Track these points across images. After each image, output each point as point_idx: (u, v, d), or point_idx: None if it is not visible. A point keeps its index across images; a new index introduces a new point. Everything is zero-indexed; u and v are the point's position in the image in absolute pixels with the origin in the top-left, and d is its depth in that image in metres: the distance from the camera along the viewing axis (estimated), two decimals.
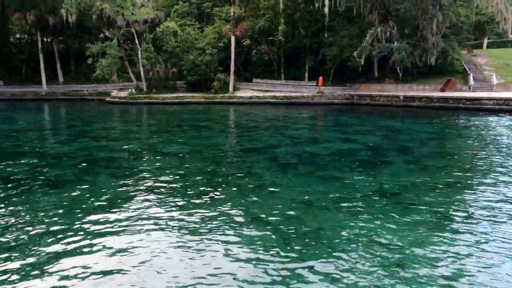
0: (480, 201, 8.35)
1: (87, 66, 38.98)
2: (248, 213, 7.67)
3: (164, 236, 6.68)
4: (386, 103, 30.63)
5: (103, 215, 7.59)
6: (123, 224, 7.16)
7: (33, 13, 37.39)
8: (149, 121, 23.96)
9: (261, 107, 31.31)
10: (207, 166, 11.42)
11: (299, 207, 8.04)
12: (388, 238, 6.52)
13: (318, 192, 8.97)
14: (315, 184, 9.59)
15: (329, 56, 35.90)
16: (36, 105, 33.80)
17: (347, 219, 7.40)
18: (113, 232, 6.81)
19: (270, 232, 6.82)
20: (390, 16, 33.75)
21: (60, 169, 11.19)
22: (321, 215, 7.63)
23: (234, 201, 8.39)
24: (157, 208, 7.95)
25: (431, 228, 6.98)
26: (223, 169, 11.40)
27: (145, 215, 7.57)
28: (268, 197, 8.67)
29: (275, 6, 37.28)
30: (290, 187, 9.36)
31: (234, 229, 6.94)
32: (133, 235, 6.70)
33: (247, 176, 10.31)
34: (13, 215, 7.55)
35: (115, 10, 34.24)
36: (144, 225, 7.11)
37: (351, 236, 6.67)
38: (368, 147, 14.25)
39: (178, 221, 7.27)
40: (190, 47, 36.86)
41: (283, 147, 14.37)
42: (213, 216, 7.52)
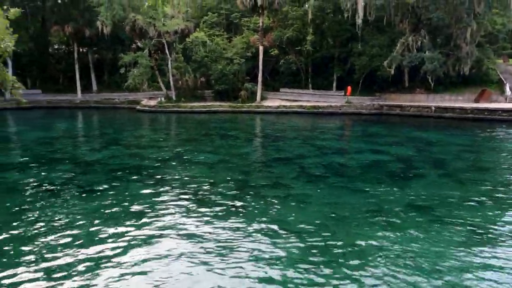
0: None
1: (119, 75, 40.31)
2: (277, 225, 7.60)
3: (192, 245, 6.72)
4: (416, 114, 29.85)
5: (133, 222, 7.74)
6: (153, 231, 7.26)
7: (71, 26, 39.16)
8: (177, 130, 24.36)
9: (288, 116, 31.24)
10: (235, 176, 11.46)
11: (330, 219, 7.91)
12: (421, 253, 6.31)
13: (348, 204, 8.80)
14: (345, 196, 9.42)
15: (358, 66, 35.46)
16: (70, 113, 35.16)
17: (379, 232, 7.21)
18: (142, 239, 6.92)
19: (301, 244, 6.73)
20: (421, 25, 33.05)
21: (93, 176, 11.52)
22: (352, 228, 7.47)
23: (263, 212, 8.35)
24: (185, 217, 8.03)
25: (465, 243, 6.69)
26: (252, 179, 11.39)
27: (174, 223, 7.66)
28: (298, 209, 8.58)
29: (303, 16, 37.35)
30: (320, 199, 9.23)
31: (263, 241, 6.89)
32: (161, 242, 6.79)
33: (276, 187, 10.26)
34: (48, 219, 7.82)
35: (147, 21, 35.31)
36: (172, 233, 7.19)
37: (383, 250, 6.49)
38: (399, 159, 13.89)
39: (207, 231, 7.30)
40: (219, 57, 37.40)
41: (312, 157, 14.24)
42: (242, 226, 7.51)
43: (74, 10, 39.77)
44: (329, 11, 37.87)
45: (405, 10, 33.16)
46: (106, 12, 34.93)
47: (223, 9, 44.06)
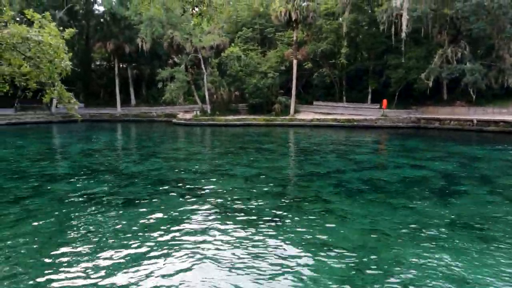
0: None
1: (157, 89, 41.77)
2: (317, 241, 7.53)
3: (229, 258, 6.77)
4: (457, 127, 28.81)
5: (172, 233, 7.90)
6: (191, 244, 7.38)
7: (112, 43, 41.16)
8: (213, 143, 24.78)
9: (322, 129, 31.02)
10: (272, 190, 11.48)
11: (371, 236, 7.75)
12: (467, 274, 6.04)
13: (389, 221, 8.59)
14: (386, 213, 9.20)
15: (394, 79, 34.84)
16: (111, 125, 36.66)
17: (423, 251, 6.97)
18: (180, 250, 7.06)
19: (341, 261, 6.63)
20: (461, 36, 32.15)
21: (134, 187, 11.90)
22: (394, 245, 7.27)
23: (302, 227, 8.30)
24: (224, 231, 8.09)
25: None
26: (289, 193, 11.38)
27: (212, 237, 7.74)
28: (338, 224, 8.46)
29: (338, 30, 37.30)
30: (360, 215, 9.06)
31: (302, 257, 6.84)
32: (199, 255, 6.88)
33: (314, 201, 10.19)
34: (92, 229, 8.14)
35: (184, 37, 36.48)
36: (210, 247, 7.26)
37: (428, 269, 6.27)
38: (441, 175, 13.42)
39: (244, 244, 7.33)
40: (253, 71, 37.94)
41: (349, 172, 14.04)
42: (280, 241, 7.48)
43: (115, 28, 41.78)
44: (364, 23, 37.60)
45: (443, 21, 32.41)
46: (146, 29, 36.44)
47: (257, 24, 44.83)
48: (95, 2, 46.34)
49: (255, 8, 45.28)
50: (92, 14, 46.07)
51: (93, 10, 46.37)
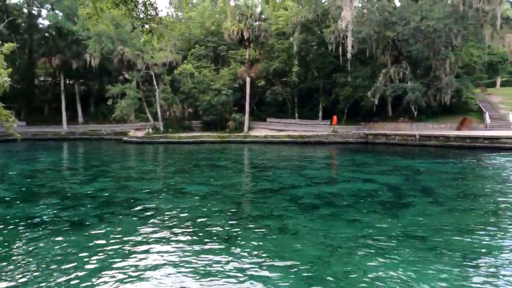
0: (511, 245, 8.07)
1: (106, 106, 40.34)
2: (272, 257, 7.52)
3: (183, 278, 6.58)
4: (401, 142, 30.49)
5: (123, 256, 7.55)
6: (143, 265, 7.09)
7: (58, 58, 39.35)
8: (166, 161, 24.22)
9: (276, 146, 31.47)
10: (227, 207, 11.37)
11: (324, 250, 7.88)
12: (416, 283, 6.30)
13: (342, 234, 8.80)
14: (338, 227, 9.42)
15: (342, 96, 36.41)
16: (56, 144, 34.67)
17: (373, 262, 7.20)
18: (132, 273, 6.74)
19: (295, 276, 6.67)
20: (402, 57, 34.41)
21: (81, 209, 11.27)
22: (346, 259, 7.44)
23: (257, 244, 8.26)
24: (177, 250, 7.87)
25: (460, 272, 6.73)
26: (244, 210, 11.34)
27: (165, 257, 7.50)
28: (291, 240, 8.53)
29: (289, 49, 38.49)
30: (313, 230, 9.20)
31: (257, 273, 6.79)
32: (152, 276, 6.62)
33: (268, 218, 10.21)
34: (35, 256, 7.56)
35: (135, 54, 35.76)
36: (163, 266, 7.03)
37: (378, 280, 6.47)
38: (388, 188, 14.04)
39: (200, 264, 7.16)
40: (206, 88, 37.90)
41: (302, 187, 14.29)
42: (236, 259, 7.40)
43: (61, 42, 40.06)
44: (314, 43, 39.13)
45: (385, 43, 34.55)
46: (95, 45, 35.31)
47: (210, 41, 45.09)
48: (39, 16, 44.28)
49: (208, 26, 45.61)
50: (36, 28, 43.88)
51: (37, 24, 44.20)
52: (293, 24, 36.24)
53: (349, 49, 31.75)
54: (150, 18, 6.85)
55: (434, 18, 29.67)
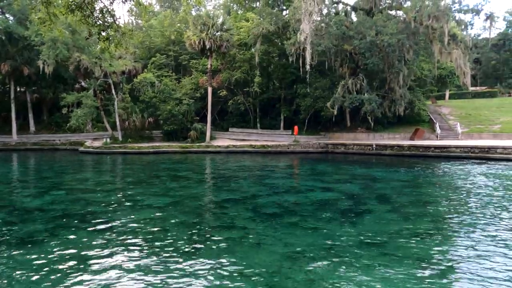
0: (462, 247, 8.50)
1: (61, 115, 38.64)
2: (233, 268, 7.45)
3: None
4: (359, 151, 31.53)
5: (78, 273, 7.18)
6: (100, 281, 6.78)
7: (8, 64, 37.29)
8: (125, 172, 23.48)
9: (238, 156, 31.47)
10: (187, 219, 11.17)
11: (285, 259, 7.91)
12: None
13: (303, 243, 8.88)
14: (299, 235, 9.52)
15: (303, 107, 37.20)
16: (5, 155, 32.64)
17: (334, 270, 7.32)
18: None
19: (256, 286, 6.63)
20: (359, 70, 35.77)
21: (31, 224, 10.63)
22: (308, 267, 7.51)
23: (218, 255, 8.16)
24: (136, 265, 7.60)
25: (414, 276, 6.99)
26: (204, 221, 11.19)
27: (123, 272, 7.20)
28: (253, 250, 8.50)
29: (250, 60, 38.90)
30: (274, 239, 9.23)
31: (219, 285, 6.70)
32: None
33: (230, 228, 10.13)
34: None
35: (93, 61, 34.66)
36: (123, 283, 6.75)
37: (338, 287, 6.59)
38: (347, 196, 14.42)
39: (159, 278, 6.95)
40: (167, 97, 37.38)
41: (264, 197, 14.34)
42: (197, 271, 7.26)
43: (12, 48, 38.05)
44: (275, 55, 39.82)
45: (344, 56, 35.81)
46: (49, 51, 33.84)
47: (171, 51, 44.64)
48: None
49: (169, 35, 45.16)
50: None
51: None
52: (254, 35, 36.73)
53: (308, 61, 32.60)
54: (108, 25, 6.67)
55: (388, 33, 31.19)
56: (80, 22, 6.60)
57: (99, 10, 6.59)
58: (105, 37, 6.88)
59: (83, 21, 6.49)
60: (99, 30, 6.75)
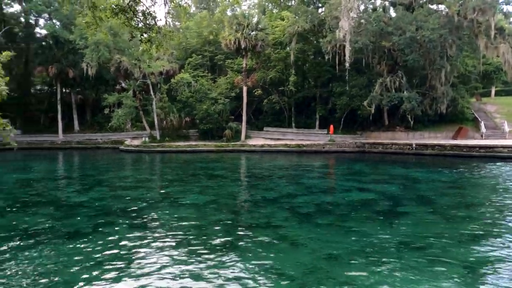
0: (509, 252, 8.03)
1: (103, 115, 40.30)
2: (270, 268, 7.45)
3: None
4: (398, 151, 30.57)
5: (118, 268, 7.44)
6: (139, 278, 6.99)
7: (55, 67, 39.35)
8: (163, 170, 24.12)
9: (273, 155, 31.46)
10: (224, 217, 11.30)
11: (322, 260, 7.81)
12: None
13: (340, 244, 8.74)
14: (336, 236, 9.37)
15: (339, 105, 36.57)
16: (52, 153, 34.49)
17: (372, 272, 7.14)
18: (130, 285, 6.64)
19: (294, 287, 6.59)
20: (398, 67, 34.67)
21: (76, 219, 11.16)
22: (346, 268, 7.38)
23: (255, 254, 8.19)
24: (173, 261, 7.78)
25: (460, 282, 6.68)
26: (241, 220, 11.26)
27: (162, 268, 7.39)
28: (290, 250, 8.46)
29: (285, 58, 38.74)
30: (311, 239, 9.14)
31: (255, 284, 6.71)
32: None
33: (266, 228, 10.14)
34: (29, 267, 7.44)
35: (132, 63, 35.85)
36: (161, 278, 6.93)
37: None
38: (386, 197, 14.03)
39: (196, 275, 7.07)
40: (203, 97, 37.97)
41: (300, 196, 14.24)
42: (232, 269, 7.32)
43: (59, 51, 40.10)
44: (310, 53, 39.43)
45: (382, 53, 34.83)
46: (92, 54, 35.35)
47: (207, 51, 45.31)
48: (36, 25, 44.37)
49: (205, 36, 45.87)
50: (33, 37, 43.92)
51: (34, 33, 44.24)
52: (289, 34, 36.52)
53: (347, 59, 32.00)
54: (149, 27, 6.88)
55: (429, 29, 30.00)
56: (123, 25, 6.85)
57: (141, 12, 6.81)
58: (147, 39, 7.09)
59: (126, 23, 6.73)
60: (141, 32, 6.97)
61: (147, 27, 6.86)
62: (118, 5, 6.41)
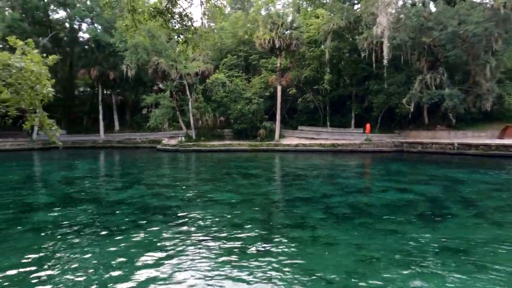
0: None
1: (141, 115, 41.63)
2: (304, 268, 7.37)
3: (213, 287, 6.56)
4: (439, 151, 29.37)
5: (153, 264, 7.62)
6: (175, 273, 7.13)
7: (97, 69, 41.09)
8: (198, 169, 24.54)
9: (307, 154, 31.17)
10: (258, 216, 11.31)
11: (359, 262, 7.63)
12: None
13: (377, 246, 8.50)
14: (373, 238, 9.13)
15: (376, 104, 35.65)
16: (94, 152, 36.04)
17: (411, 276, 6.90)
18: (164, 281, 6.79)
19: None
20: (439, 63, 33.29)
21: (117, 216, 11.57)
22: (383, 272, 7.17)
23: (289, 254, 8.14)
24: (209, 259, 7.87)
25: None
26: (275, 219, 11.23)
27: (197, 266, 7.50)
28: (324, 251, 8.33)
29: (320, 57, 38.28)
30: (347, 241, 8.96)
31: (289, 285, 6.66)
32: (183, 284, 6.63)
33: (300, 227, 10.05)
34: (71, 262, 7.79)
35: (170, 64, 36.76)
36: (195, 276, 7.03)
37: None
38: (426, 198, 13.51)
39: (231, 274, 7.11)
40: (238, 97, 38.27)
41: (335, 196, 14.01)
42: (266, 269, 7.30)
43: (100, 54, 41.84)
44: (346, 51, 38.71)
45: (421, 49, 33.57)
46: (131, 56, 36.58)
47: (241, 51, 45.60)
48: (79, 30, 46.56)
49: (240, 36, 46.19)
50: (77, 41, 46.14)
51: (77, 37, 46.46)
52: (324, 32, 36.01)
53: (385, 55, 31.12)
54: (186, 28, 7.01)
55: (473, 22, 28.55)
56: (160, 27, 7.02)
57: (178, 14, 6.94)
58: (183, 40, 7.23)
59: (163, 25, 6.89)
60: (178, 33, 7.11)
61: (183, 28, 6.99)
62: (156, 7, 6.58)
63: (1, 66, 6.01)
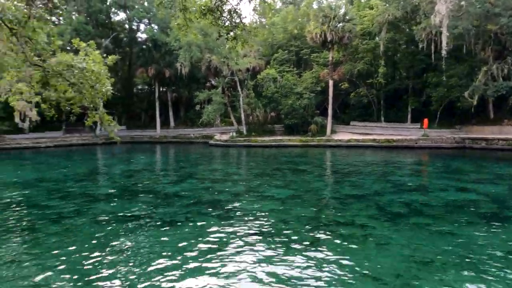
0: None
1: (194, 112, 42.97)
2: (355, 268, 7.19)
3: (262, 284, 6.58)
4: (506, 147, 27.20)
5: (203, 257, 7.82)
6: (226, 266, 7.28)
7: (153, 68, 43.04)
8: (249, 164, 24.84)
9: (360, 150, 30.31)
10: (308, 212, 11.22)
11: (412, 263, 7.30)
12: None
13: (433, 248, 8.07)
14: (429, 239, 8.67)
15: (434, 97, 33.74)
16: (151, 147, 37.85)
17: (471, 282, 6.46)
18: (216, 272, 6.96)
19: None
20: (507, 52, 30.72)
21: (171, 208, 12.05)
22: (439, 275, 6.79)
23: (339, 252, 7.98)
24: (255, 255, 7.92)
25: None
26: (326, 216, 11.06)
27: (245, 260, 7.59)
28: (377, 251, 8.06)
29: (374, 49, 36.96)
30: (400, 241, 8.60)
31: (338, 284, 6.54)
32: (233, 278, 6.75)
33: (351, 225, 9.82)
34: (128, 250, 8.24)
35: (221, 61, 37.49)
36: (245, 269, 7.12)
37: None
38: (490, 198, 12.58)
39: (278, 269, 7.11)
40: (289, 92, 38.12)
41: (389, 194, 13.50)
42: (317, 266, 7.22)
43: (157, 53, 43.72)
44: (402, 42, 37.01)
45: (487, 37, 31.18)
46: (185, 54, 37.81)
47: (292, 46, 45.28)
48: (138, 30, 48.96)
49: (290, 30, 45.86)
50: (135, 41, 48.60)
51: (136, 38, 48.91)
52: (379, 23, 34.67)
53: (444, 46, 29.32)
54: (235, 25, 7.10)
55: None
56: (211, 25, 7.18)
57: (227, 11, 7.05)
58: (232, 37, 7.33)
59: (213, 23, 7.04)
60: (227, 30, 7.22)
61: (233, 25, 7.09)
62: (206, 5, 6.74)
63: (66, 67, 6.49)
